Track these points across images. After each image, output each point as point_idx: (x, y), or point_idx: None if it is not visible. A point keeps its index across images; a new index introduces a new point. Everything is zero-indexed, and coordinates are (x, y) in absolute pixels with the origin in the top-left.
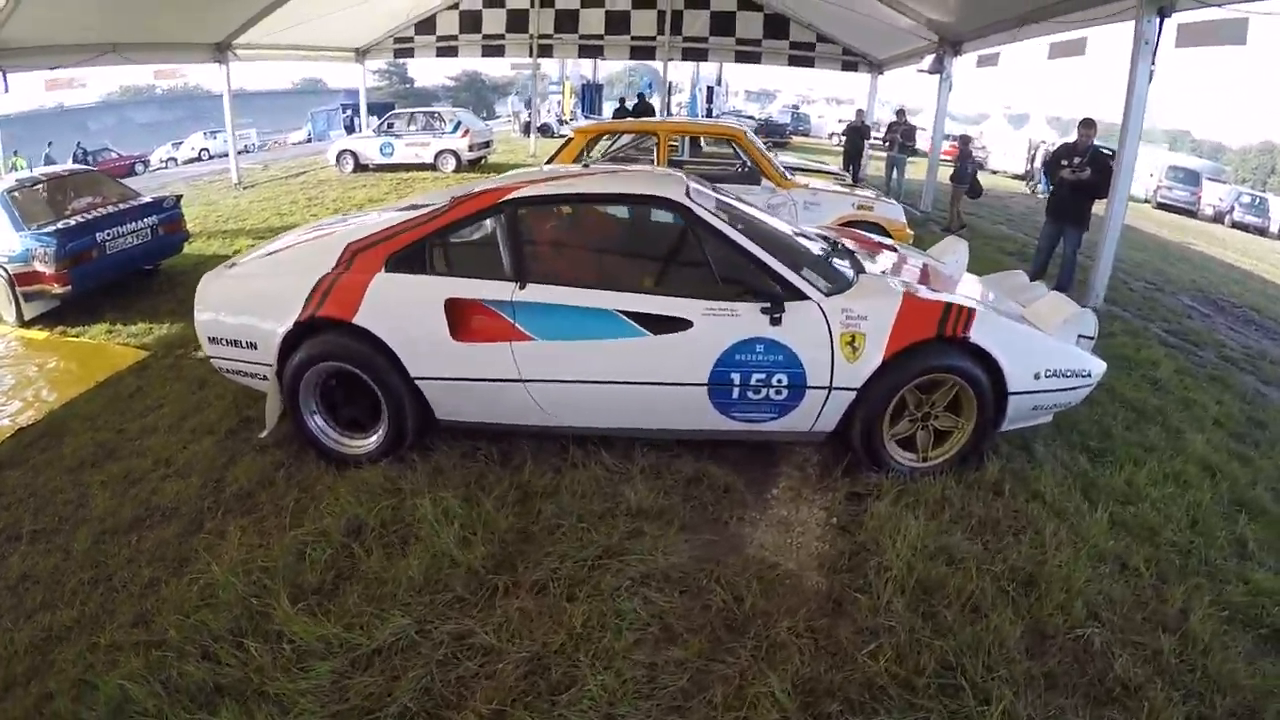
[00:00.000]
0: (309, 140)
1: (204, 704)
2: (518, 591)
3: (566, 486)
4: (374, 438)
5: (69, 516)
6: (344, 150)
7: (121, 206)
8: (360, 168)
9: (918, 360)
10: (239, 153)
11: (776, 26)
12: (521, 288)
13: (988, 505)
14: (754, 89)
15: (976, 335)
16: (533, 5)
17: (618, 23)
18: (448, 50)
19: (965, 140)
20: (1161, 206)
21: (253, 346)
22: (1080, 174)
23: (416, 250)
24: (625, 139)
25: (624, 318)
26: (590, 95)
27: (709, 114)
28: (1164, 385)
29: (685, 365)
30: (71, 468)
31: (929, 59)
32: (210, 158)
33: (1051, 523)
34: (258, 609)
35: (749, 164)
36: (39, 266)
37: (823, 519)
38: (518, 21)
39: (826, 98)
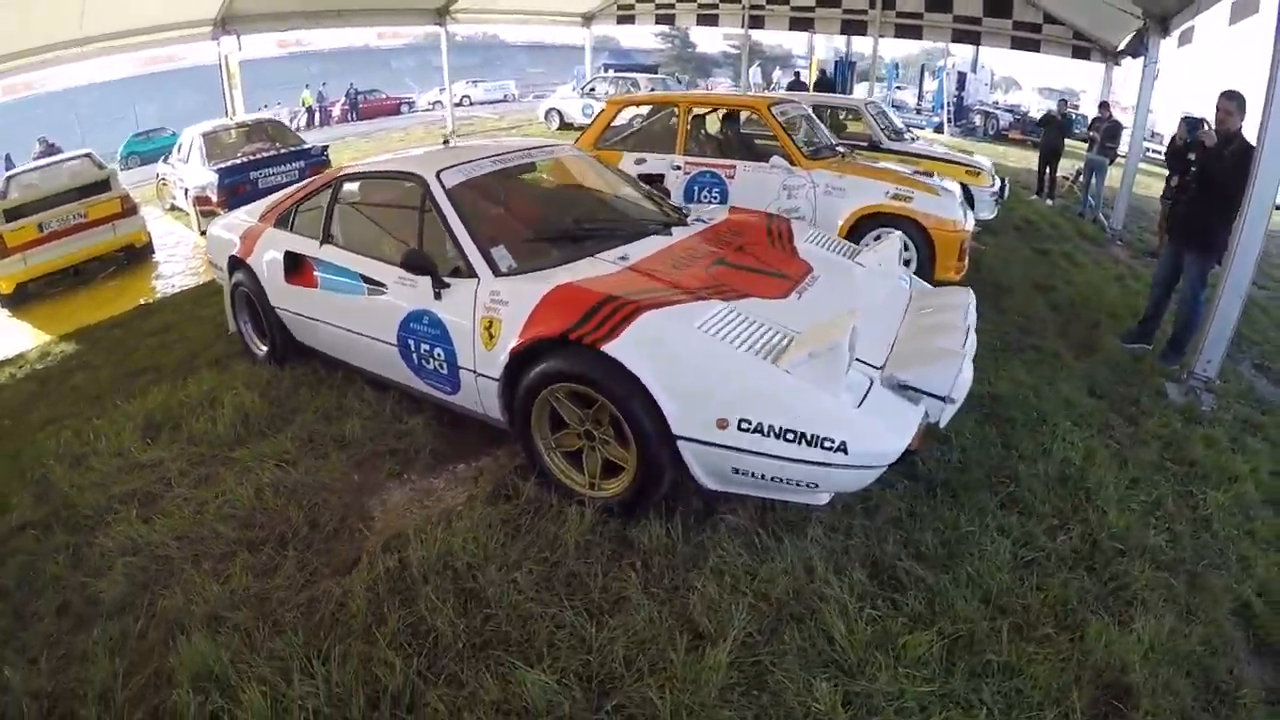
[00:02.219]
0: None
1: None
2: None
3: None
4: (265, 348)
5: None
6: (551, 108)
7: (281, 151)
8: (565, 125)
9: (546, 362)
10: (498, 101)
11: (999, 3)
12: (320, 246)
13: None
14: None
15: (616, 346)
16: None
17: None
18: (665, 18)
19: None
20: None
21: (218, 269)
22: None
23: (287, 211)
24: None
25: (359, 278)
26: (843, 72)
27: (957, 106)
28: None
29: (382, 324)
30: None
31: (1126, 39)
32: (471, 104)
33: None
34: None
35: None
36: (209, 194)
37: (462, 499)
38: None
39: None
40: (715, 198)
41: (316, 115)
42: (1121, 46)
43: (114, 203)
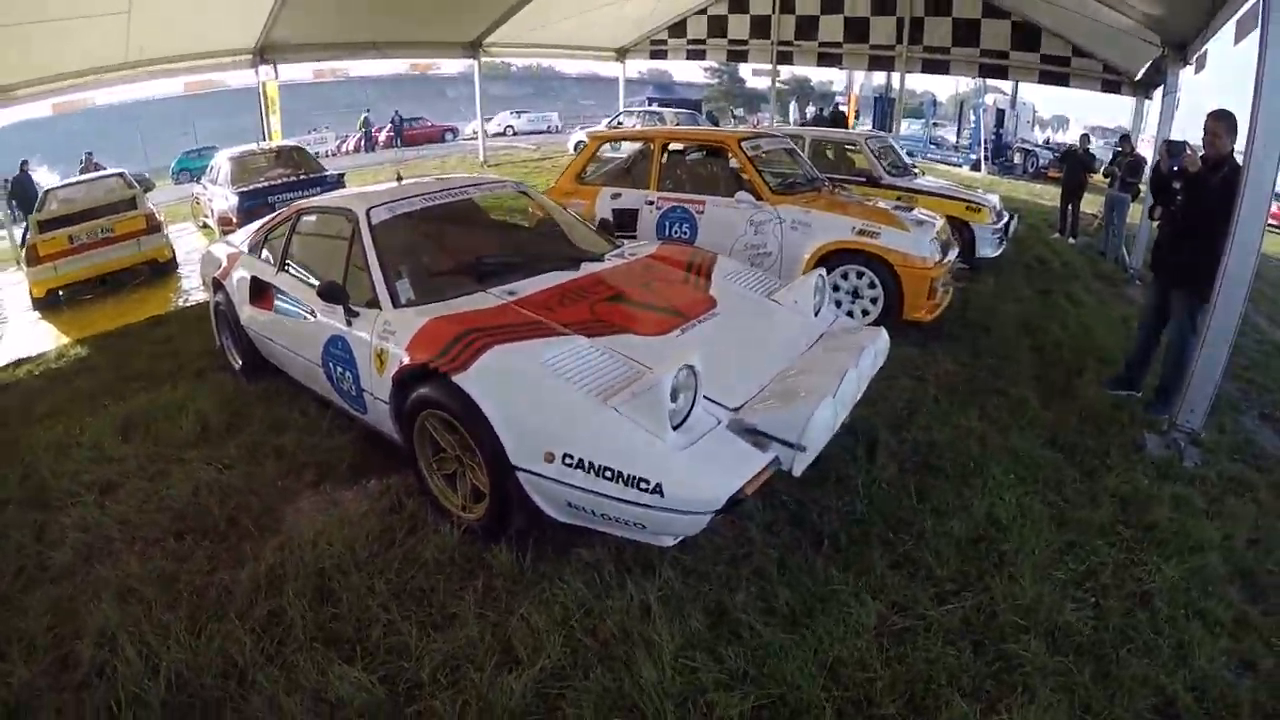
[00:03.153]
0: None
1: None
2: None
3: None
4: (240, 362)
5: None
6: (579, 141)
7: (300, 178)
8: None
9: (418, 389)
10: (540, 132)
11: (1026, 37)
12: (277, 273)
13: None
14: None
15: (465, 378)
16: (774, 11)
17: (856, 29)
18: (696, 53)
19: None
20: None
21: (206, 287)
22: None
23: (259, 239)
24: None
25: (302, 302)
26: (882, 108)
27: (996, 143)
28: None
29: (312, 346)
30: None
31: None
32: (515, 134)
33: None
34: None
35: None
36: (231, 215)
37: (364, 510)
38: (760, 27)
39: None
40: (685, 233)
41: (357, 141)
42: (1139, 76)
43: (139, 220)
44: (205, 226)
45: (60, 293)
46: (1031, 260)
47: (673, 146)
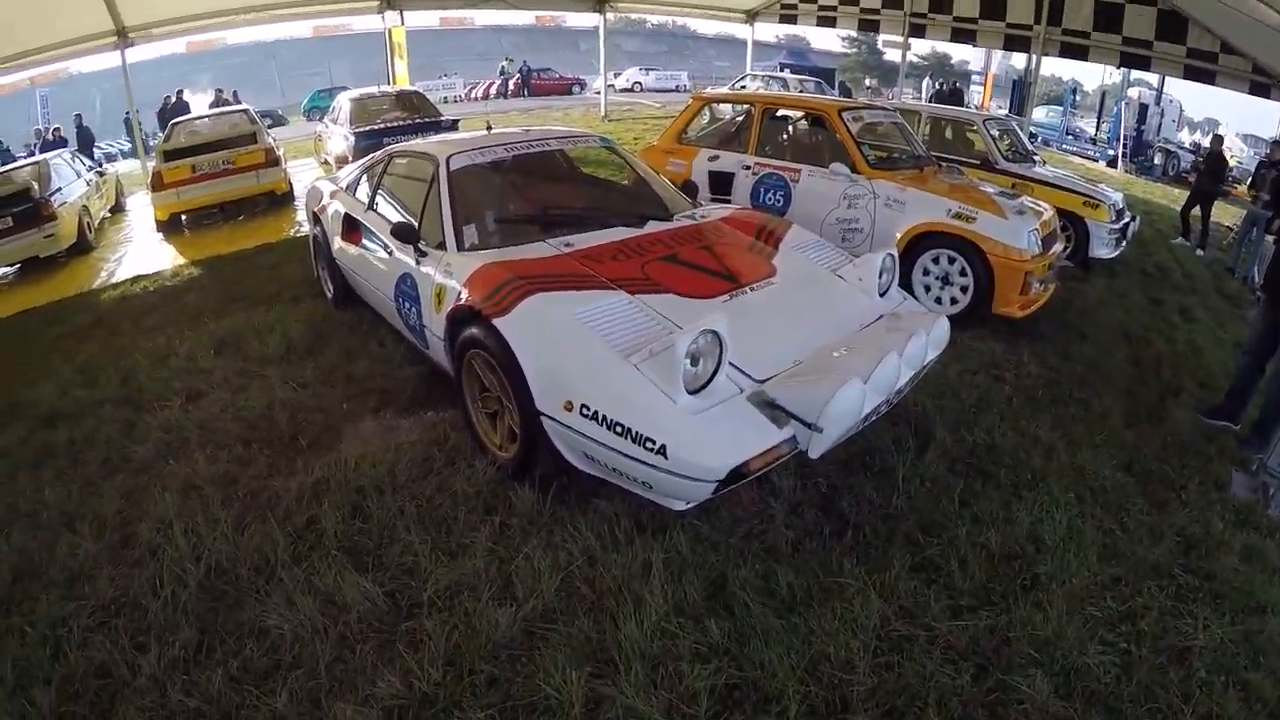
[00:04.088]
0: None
1: None
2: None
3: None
4: (330, 292)
5: None
6: None
7: (416, 121)
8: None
9: (464, 329)
10: (669, 90)
11: (1172, 27)
12: (366, 211)
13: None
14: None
15: (504, 322)
16: None
17: (993, 5)
18: (827, 20)
19: None
20: None
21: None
22: None
23: (355, 178)
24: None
25: (382, 239)
26: (1020, 92)
27: (1137, 141)
28: None
29: (387, 281)
30: None
31: None
32: (642, 90)
33: None
34: None
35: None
36: (348, 154)
37: (415, 438)
38: None
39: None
40: (779, 201)
41: (496, 87)
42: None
43: (258, 154)
44: (326, 163)
45: (183, 217)
46: (1151, 267)
47: (775, 113)
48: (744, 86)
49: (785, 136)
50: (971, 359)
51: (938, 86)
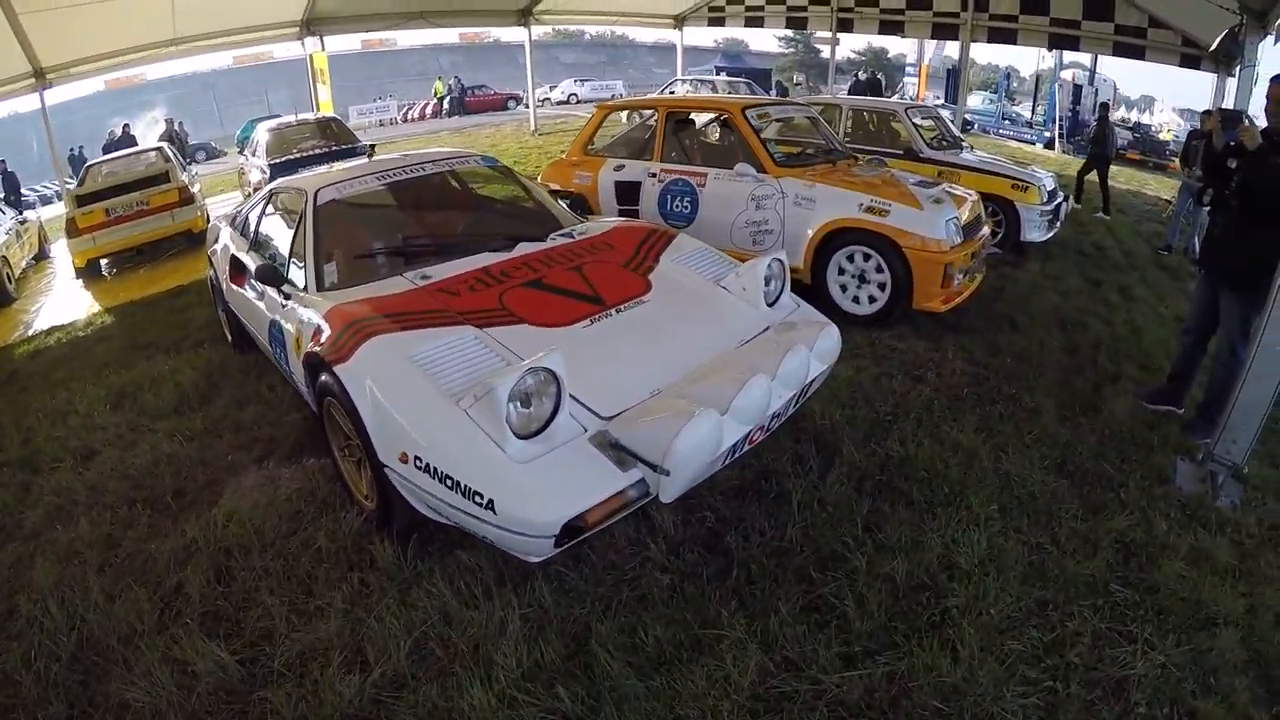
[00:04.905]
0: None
1: None
2: None
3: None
4: (229, 335)
5: None
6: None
7: (331, 149)
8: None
9: (318, 376)
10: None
11: (1099, 5)
12: (248, 251)
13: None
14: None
15: (345, 369)
16: None
17: None
18: (755, 20)
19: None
20: None
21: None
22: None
23: (240, 216)
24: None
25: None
26: (954, 80)
27: (1073, 122)
28: None
29: (261, 324)
30: None
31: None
32: (578, 102)
33: None
34: None
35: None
36: (263, 186)
37: (291, 491)
38: None
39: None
40: (686, 208)
41: (432, 107)
42: (1214, 47)
43: (172, 193)
44: (249, 196)
45: (103, 262)
46: (1089, 246)
47: (680, 117)
48: (672, 92)
49: (691, 140)
50: (890, 361)
51: (855, 77)
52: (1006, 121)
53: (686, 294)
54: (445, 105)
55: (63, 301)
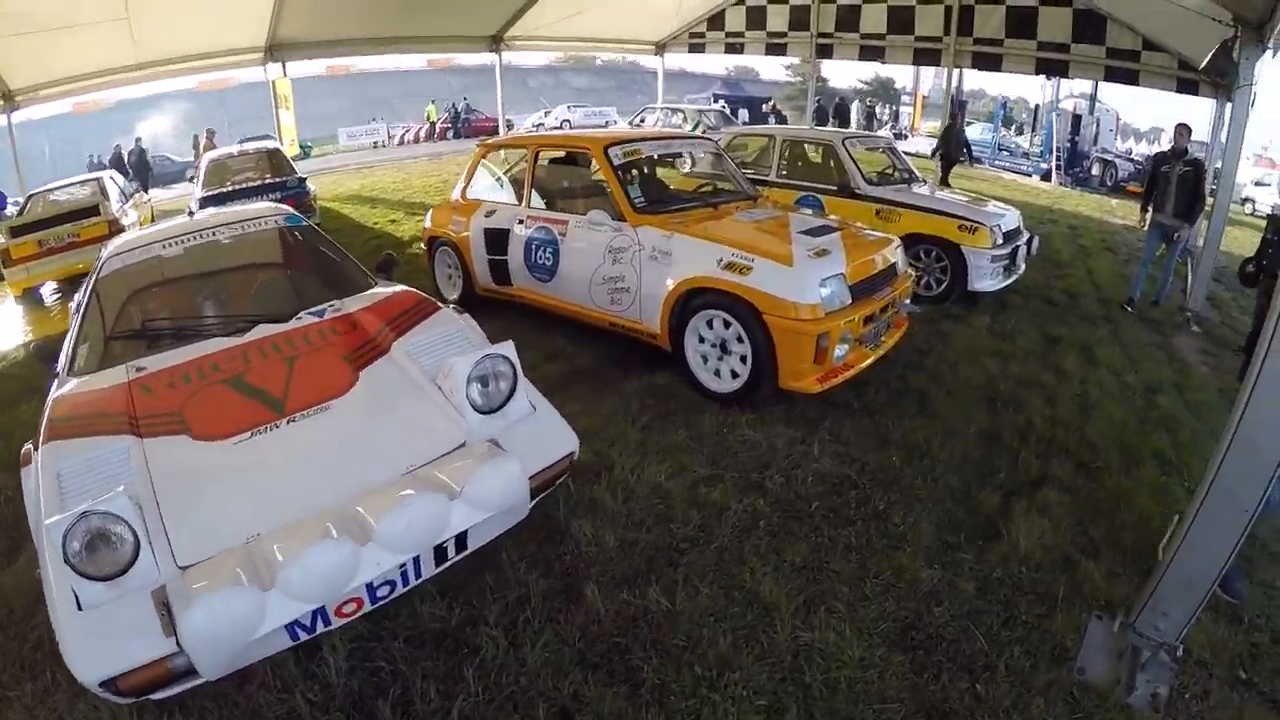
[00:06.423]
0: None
1: None
2: None
3: None
4: None
5: None
6: None
7: (264, 182)
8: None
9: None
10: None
11: (1089, 27)
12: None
13: None
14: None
15: (25, 475)
16: (814, 1)
17: (900, 21)
18: (734, 47)
19: None
20: None
21: None
22: None
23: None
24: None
25: None
26: (951, 109)
27: (1071, 152)
28: None
29: None
30: None
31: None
32: (571, 127)
33: None
34: None
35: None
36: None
37: None
38: (800, 18)
39: None
40: (549, 259)
41: (422, 131)
42: (1204, 64)
43: (102, 225)
44: None
45: (40, 290)
46: (1059, 294)
47: (550, 155)
48: (643, 121)
49: (561, 182)
50: (730, 459)
51: (818, 104)
52: (1004, 152)
53: (390, 396)
54: (436, 129)
55: None
